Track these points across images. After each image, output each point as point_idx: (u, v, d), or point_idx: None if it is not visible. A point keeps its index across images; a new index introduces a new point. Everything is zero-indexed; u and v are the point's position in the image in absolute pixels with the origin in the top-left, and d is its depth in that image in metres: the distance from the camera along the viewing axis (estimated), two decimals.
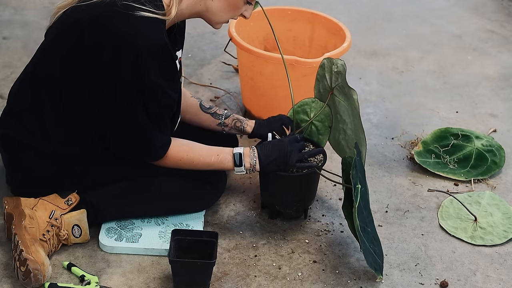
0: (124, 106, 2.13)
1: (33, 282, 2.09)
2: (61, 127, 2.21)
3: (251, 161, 2.28)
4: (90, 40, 2.09)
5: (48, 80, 2.19)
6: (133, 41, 2.05)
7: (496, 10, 4.22)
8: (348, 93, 2.36)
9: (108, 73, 2.10)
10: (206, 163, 2.29)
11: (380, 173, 2.77)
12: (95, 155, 2.26)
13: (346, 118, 2.41)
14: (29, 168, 2.26)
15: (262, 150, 2.30)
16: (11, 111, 2.27)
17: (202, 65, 3.42)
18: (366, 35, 3.82)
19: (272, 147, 2.30)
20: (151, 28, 2.08)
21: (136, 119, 2.15)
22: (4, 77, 3.18)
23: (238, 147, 2.31)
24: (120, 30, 2.06)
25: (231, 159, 2.28)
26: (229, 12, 2.23)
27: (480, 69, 3.56)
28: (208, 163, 2.28)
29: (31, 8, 3.78)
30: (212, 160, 2.28)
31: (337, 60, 2.39)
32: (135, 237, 2.32)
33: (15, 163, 2.29)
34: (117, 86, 2.10)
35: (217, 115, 2.54)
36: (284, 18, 3.04)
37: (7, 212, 2.25)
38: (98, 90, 2.13)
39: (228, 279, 2.24)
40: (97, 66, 2.10)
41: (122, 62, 2.07)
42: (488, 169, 2.79)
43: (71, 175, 2.27)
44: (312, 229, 2.46)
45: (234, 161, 2.28)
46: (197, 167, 2.29)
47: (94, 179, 2.29)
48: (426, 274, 2.31)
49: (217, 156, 2.28)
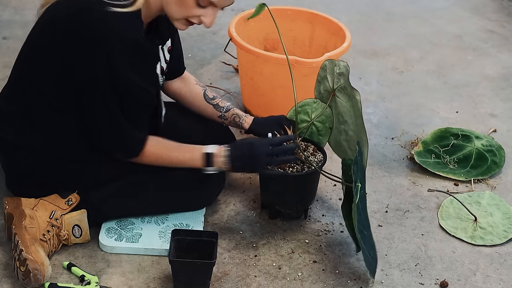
0: (99, 103, 2.13)
1: (33, 282, 2.09)
2: (50, 125, 2.22)
3: (222, 161, 2.27)
4: (66, 37, 2.09)
5: (32, 79, 2.20)
6: (105, 37, 2.05)
7: (496, 10, 4.22)
8: (351, 93, 2.36)
9: (84, 70, 2.10)
10: (180, 161, 2.27)
11: (380, 173, 2.77)
12: (88, 152, 2.26)
13: (348, 119, 2.41)
14: (26, 169, 2.26)
15: (235, 151, 2.27)
16: (3, 114, 2.28)
17: (202, 65, 3.42)
18: (366, 35, 3.82)
19: (245, 148, 2.28)
20: (124, 24, 2.07)
21: (111, 116, 2.15)
22: (4, 77, 3.18)
23: (211, 146, 2.28)
24: (93, 27, 2.06)
25: (201, 159, 2.27)
26: (179, 7, 2.14)
27: (480, 69, 3.56)
28: (181, 161, 2.27)
29: (31, 8, 3.78)
30: (186, 157, 2.27)
31: (340, 61, 2.38)
32: (135, 237, 2.32)
33: (12, 165, 2.29)
34: (92, 82, 2.11)
35: (219, 107, 2.53)
36: (284, 18, 3.04)
37: (8, 212, 2.25)
38: (77, 86, 2.13)
39: (228, 279, 2.24)
40: (74, 62, 2.10)
41: (95, 59, 2.07)
42: (488, 169, 2.79)
43: (68, 174, 2.27)
44: (312, 229, 2.46)
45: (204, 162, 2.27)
46: (172, 164, 2.28)
47: (91, 178, 2.29)
48: (426, 274, 2.31)
49: (190, 154, 2.27)
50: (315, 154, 2.45)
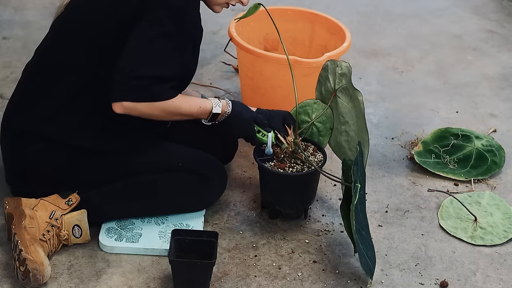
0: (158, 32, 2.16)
1: (32, 282, 2.09)
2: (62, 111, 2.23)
3: (222, 115, 2.32)
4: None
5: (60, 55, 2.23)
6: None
7: (496, 10, 4.22)
8: (353, 94, 2.36)
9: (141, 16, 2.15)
10: (187, 113, 2.27)
11: (380, 173, 2.77)
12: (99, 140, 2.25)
13: (349, 120, 2.41)
14: (33, 158, 2.25)
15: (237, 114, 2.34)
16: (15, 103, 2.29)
17: (202, 65, 3.42)
18: (366, 35, 3.82)
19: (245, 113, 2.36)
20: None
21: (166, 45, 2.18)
22: (4, 77, 3.18)
23: (218, 101, 2.32)
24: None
25: (207, 114, 2.31)
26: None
27: (480, 69, 3.56)
28: (189, 113, 2.27)
29: (31, 8, 3.78)
30: (194, 111, 2.28)
31: (342, 62, 2.38)
32: (135, 237, 2.32)
33: (18, 156, 2.28)
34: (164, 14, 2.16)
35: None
36: (284, 18, 3.04)
37: (8, 212, 2.25)
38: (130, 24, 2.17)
39: (228, 279, 2.24)
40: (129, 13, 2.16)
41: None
42: (488, 169, 2.79)
43: (72, 168, 2.26)
44: (312, 229, 2.46)
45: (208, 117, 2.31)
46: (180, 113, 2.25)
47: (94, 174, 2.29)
48: (426, 274, 2.31)
49: (199, 108, 2.29)
50: (315, 154, 2.45)
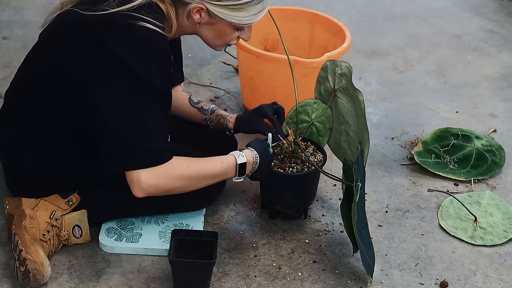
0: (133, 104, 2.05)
1: (32, 282, 2.09)
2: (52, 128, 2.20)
3: (252, 169, 2.24)
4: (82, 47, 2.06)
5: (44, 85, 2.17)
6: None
7: (496, 10, 4.22)
8: (353, 94, 2.36)
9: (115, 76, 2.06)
10: (211, 173, 2.17)
11: (380, 173, 2.77)
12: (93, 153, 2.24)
13: (349, 120, 2.41)
14: (27, 173, 2.26)
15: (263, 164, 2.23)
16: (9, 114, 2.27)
17: (202, 65, 3.42)
18: (366, 35, 3.82)
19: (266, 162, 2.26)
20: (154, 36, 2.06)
21: (141, 119, 2.05)
22: (4, 77, 3.18)
23: (240, 154, 2.21)
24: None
25: (234, 168, 2.20)
26: (219, 39, 2.21)
27: (480, 69, 3.56)
28: (213, 173, 2.18)
29: (31, 8, 3.78)
30: (218, 169, 2.18)
31: (341, 62, 2.38)
32: (135, 237, 2.32)
33: (13, 168, 2.28)
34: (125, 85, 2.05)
35: (204, 110, 2.53)
36: (284, 18, 3.04)
37: (8, 212, 2.25)
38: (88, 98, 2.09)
39: (228, 279, 2.24)
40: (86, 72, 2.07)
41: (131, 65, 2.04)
42: (488, 169, 2.79)
43: (68, 175, 2.26)
44: (312, 229, 2.46)
45: (236, 171, 2.21)
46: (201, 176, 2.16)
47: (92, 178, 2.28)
48: (426, 274, 2.31)
49: (221, 164, 2.19)
50: (315, 154, 2.45)
